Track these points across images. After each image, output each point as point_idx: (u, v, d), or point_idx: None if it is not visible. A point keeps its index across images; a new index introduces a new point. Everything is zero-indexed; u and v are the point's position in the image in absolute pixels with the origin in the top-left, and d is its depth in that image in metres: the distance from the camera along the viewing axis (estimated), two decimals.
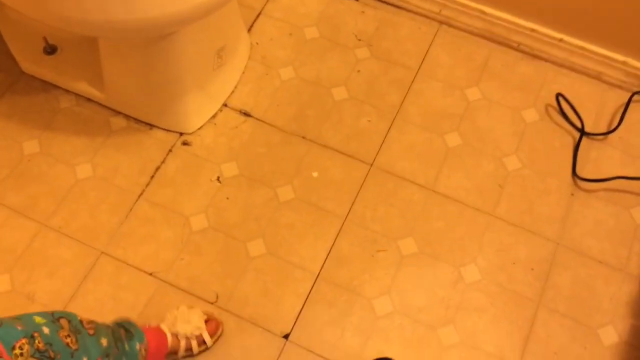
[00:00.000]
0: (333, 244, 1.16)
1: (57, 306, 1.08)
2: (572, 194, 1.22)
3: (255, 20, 1.40)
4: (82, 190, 1.20)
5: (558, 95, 1.30)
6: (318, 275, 1.13)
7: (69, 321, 0.76)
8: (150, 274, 1.12)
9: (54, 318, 0.74)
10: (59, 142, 1.24)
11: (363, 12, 1.41)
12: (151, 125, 1.26)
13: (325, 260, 1.14)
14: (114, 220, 1.17)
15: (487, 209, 1.20)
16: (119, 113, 1.27)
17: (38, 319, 0.72)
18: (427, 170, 1.23)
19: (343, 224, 1.18)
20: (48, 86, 1.29)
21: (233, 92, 1.30)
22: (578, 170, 1.24)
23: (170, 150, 1.24)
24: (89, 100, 1.28)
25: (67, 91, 1.29)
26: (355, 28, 1.39)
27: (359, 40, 1.38)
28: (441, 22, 1.39)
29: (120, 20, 0.91)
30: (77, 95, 1.28)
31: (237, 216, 1.18)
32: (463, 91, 1.32)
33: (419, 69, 1.34)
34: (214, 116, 1.27)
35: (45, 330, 0.71)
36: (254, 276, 1.13)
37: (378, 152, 1.25)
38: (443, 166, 1.24)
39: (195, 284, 1.12)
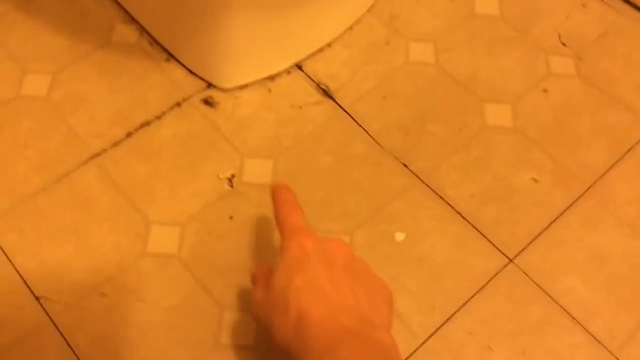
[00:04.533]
0: None
1: None
2: None
3: None
4: (19, 112, 0.70)
5: None
6: None
7: None
8: (38, 299, 0.60)
9: None
10: (27, 27, 0.76)
11: (584, 5, 0.82)
12: (170, 56, 0.75)
13: None
14: (35, 179, 0.66)
15: None
16: (133, 20, 0.77)
17: None
18: (618, 313, 0.61)
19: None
20: None
21: (320, 51, 0.76)
22: None
23: (178, 104, 0.72)
24: None
25: None
26: (563, 24, 0.80)
27: (563, 44, 0.79)
28: None
29: None
30: None
31: (234, 254, 0.63)
32: None
33: None
34: (272, 77, 0.74)
35: None
36: None
37: (532, 242, 0.65)
38: None
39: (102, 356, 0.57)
